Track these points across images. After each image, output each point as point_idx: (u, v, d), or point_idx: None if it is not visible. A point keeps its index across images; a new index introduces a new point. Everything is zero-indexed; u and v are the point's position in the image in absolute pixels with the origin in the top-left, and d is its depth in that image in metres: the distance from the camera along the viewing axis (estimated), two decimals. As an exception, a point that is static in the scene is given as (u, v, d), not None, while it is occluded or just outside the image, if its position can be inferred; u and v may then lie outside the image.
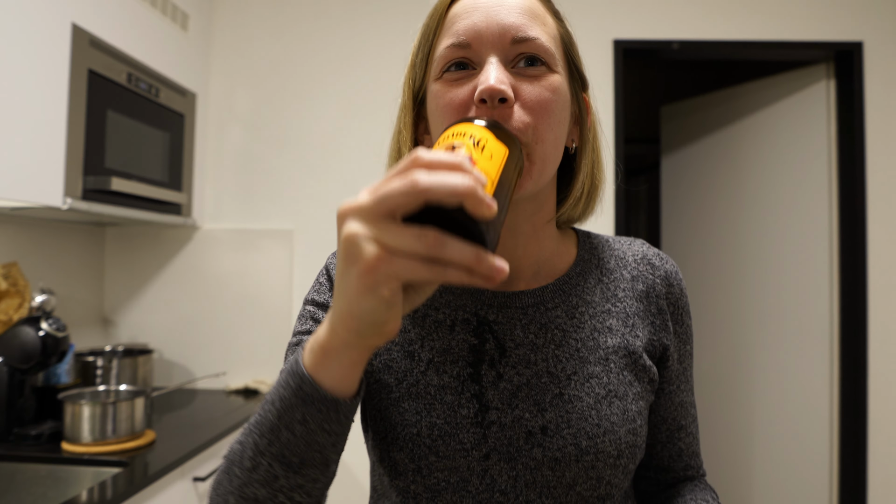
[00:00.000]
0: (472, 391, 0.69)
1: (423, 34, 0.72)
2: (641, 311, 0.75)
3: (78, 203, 1.73)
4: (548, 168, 0.67)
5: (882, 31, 2.51)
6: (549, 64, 0.66)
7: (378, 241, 0.44)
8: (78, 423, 1.63)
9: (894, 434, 2.44)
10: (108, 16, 1.88)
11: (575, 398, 0.68)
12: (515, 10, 0.66)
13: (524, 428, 0.67)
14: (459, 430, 0.67)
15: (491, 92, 0.61)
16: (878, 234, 2.48)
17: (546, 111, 0.65)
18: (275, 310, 2.52)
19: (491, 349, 0.70)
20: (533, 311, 0.72)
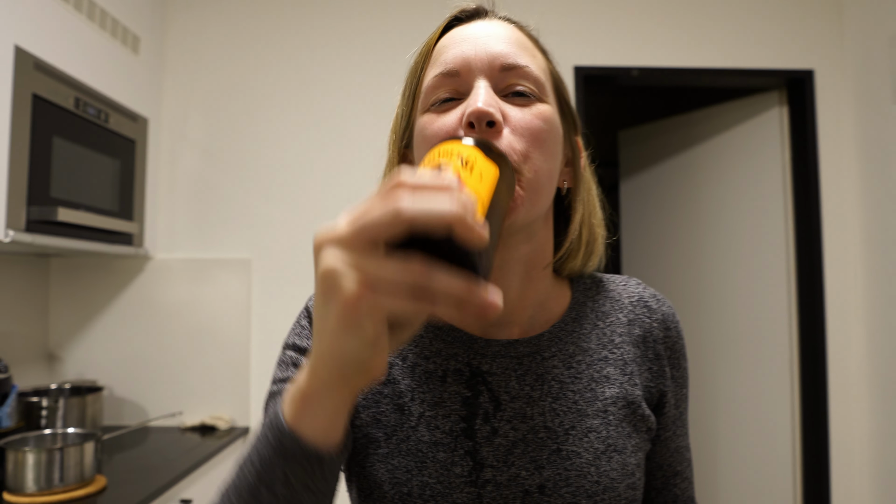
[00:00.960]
0: (465, 448, 0.65)
1: (411, 71, 0.69)
2: (639, 357, 0.72)
3: (21, 235, 1.63)
4: (541, 199, 0.63)
5: (832, 59, 2.59)
6: (540, 94, 0.64)
7: (359, 273, 0.39)
8: (21, 472, 1.52)
9: (855, 449, 2.47)
10: (54, 38, 1.79)
11: (573, 454, 0.65)
12: (504, 40, 0.64)
13: (521, 487, 0.63)
14: (453, 490, 0.63)
15: (479, 114, 0.59)
16: (833, 254, 2.53)
17: (537, 138, 0.62)
18: (232, 343, 2.42)
19: (485, 402, 0.66)
20: (528, 360, 0.68)
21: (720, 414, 2.80)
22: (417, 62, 0.69)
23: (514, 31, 0.67)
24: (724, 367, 2.81)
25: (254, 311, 2.45)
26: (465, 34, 0.65)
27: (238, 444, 2.32)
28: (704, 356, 2.88)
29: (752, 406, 2.70)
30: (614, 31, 2.58)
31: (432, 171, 0.42)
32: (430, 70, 0.66)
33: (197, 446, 2.08)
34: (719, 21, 2.60)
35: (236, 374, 2.41)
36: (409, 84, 0.69)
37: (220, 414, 2.37)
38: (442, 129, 0.62)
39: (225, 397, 2.40)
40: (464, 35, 0.65)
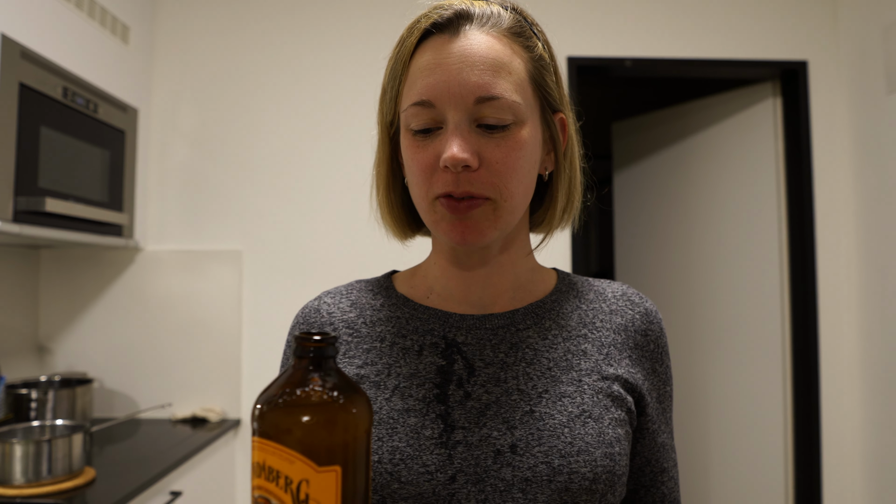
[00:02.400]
0: (437, 412, 0.66)
1: (391, 75, 0.70)
2: (619, 343, 0.73)
3: (8, 226, 1.62)
4: (515, 217, 0.68)
5: (825, 50, 2.58)
6: (515, 119, 0.65)
7: None
8: (9, 464, 1.51)
9: (847, 443, 2.48)
10: (42, 27, 1.78)
11: (546, 415, 0.66)
12: (479, 66, 0.64)
13: (492, 447, 0.64)
14: (423, 453, 0.64)
15: (454, 160, 0.62)
16: (826, 245, 2.54)
17: (513, 169, 0.65)
18: (223, 334, 2.41)
19: (459, 369, 0.68)
20: (503, 331, 0.71)
21: (712, 407, 2.81)
22: (396, 69, 0.69)
23: (491, 47, 0.65)
24: (716, 360, 2.81)
25: (245, 302, 2.44)
26: (439, 58, 0.65)
27: (229, 435, 2.32)
28: (697, 349, 2.88)
29: (744, 399, 2.71)
30: (608, 22, 2.57)
31: None
32: (408, 90, 0.67)
33: (188, 438, 2.08)
34: (713, 12, 2.59)
35: (227, 366, 2.40)
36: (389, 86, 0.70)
37: (211, 406, 2.36)
38: (421, 166, 0.66)
39: (216, 389, 2.39)
40: (438, 59, 0.64)
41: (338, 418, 0.46)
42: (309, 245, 2.46)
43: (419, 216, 0.75)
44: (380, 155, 0.74)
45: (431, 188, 0.65)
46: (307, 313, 0.76)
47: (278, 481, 0.44)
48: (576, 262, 2.50)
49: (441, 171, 0.64)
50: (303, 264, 2.45)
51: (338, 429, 0.45)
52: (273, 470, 0.44)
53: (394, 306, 0.74)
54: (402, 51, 0.68)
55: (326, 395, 0.46)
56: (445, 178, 0.63)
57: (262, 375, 2.41)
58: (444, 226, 0.65)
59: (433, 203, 0.66)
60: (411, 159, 0.67)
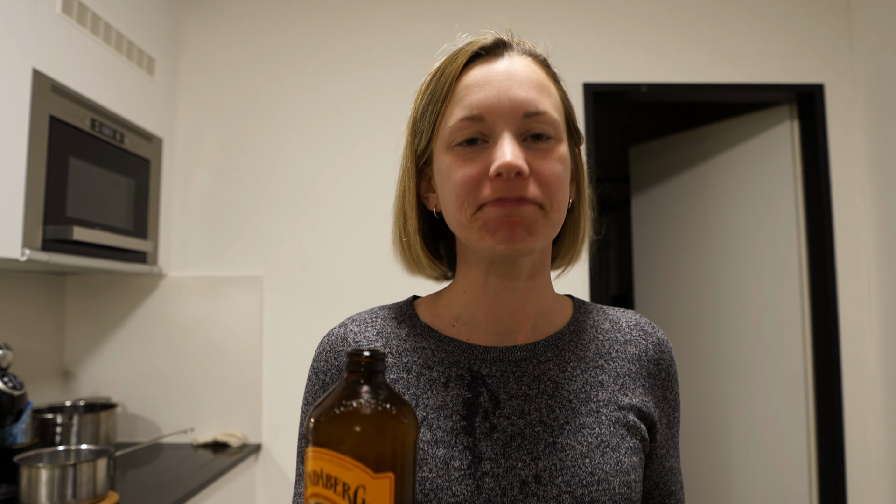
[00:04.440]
0: (464, 443, 0.67)
1: (429, 99, 0.71)
2: (633, 372, 0.75)
3: (37, 254, 1.66)
4: (555, 231, 0.70)
5: (841, 73, 2.59)
6: (557, 135, 0.68)
7: None
8: (35, 488, 1.53)
9: (871, 461, 2.43)
10: (72, 61, 1.84)
11: (568, 447, 0.68)
12: (526, 84, 0.67)
13: (518, 477, 0.66)
14: (452, 483, 0.65)
15: (508, 167, 0.63)
16: (846, 267, 2.51)
17: (559, 183, 0.67)
18: (244, 359, 2.44)
19: (485, 402, 0.70)
20: (525, 364, 0.72)
21: (733, 430, 2.77)
22: (438, 92, 0.70)
23: (533, 70, 0.69)
24: (737, 382, 2.78)
25: (266, 327, 2.46)
26: (488, 76, 0.68)
27: (250, 460, 2.33)
28: (717, 371, 2.85)
29: (767, 418, 2.67)
30: (623, 48, 2.60)
31: None
32: (454, 108, 0.68)
33: (209, 463, 2.09)
34: (729, 36, 2.60)
35: (248, 391, 2.42)
36: (428, 111, 0.71)
37: (232, 430, 2.38)
38: (467, 178, 0.66)
39: (237, 414, 2.41)
40: (487, 77, 0.68)
41: (391, 428, 0.48)
42: (328, 271, 2.48)
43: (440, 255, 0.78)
44: (407, 186, 0.75)
45: (477, 198, 0.65)
46: (333, 341, 0.76)
47: (336, 488, 0.46)
48: (593, 286, 2.50)
49: (489, 181, 0.65)
50: (322, 290, 2.47)
51: (390, 438, 0.48)
52: (331, 477, 0.46)
53: (419, 336, 0.75)
54: (447, 73, 0.70)
55: (380, 407, 0.48)
56: (496, 184, 0.64)
57: (282, 400, 2.42)
58: (493, 225, 0.65)
59: (475, 214, 0.66)
60: (454, 173, 0.67)
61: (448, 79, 0.69)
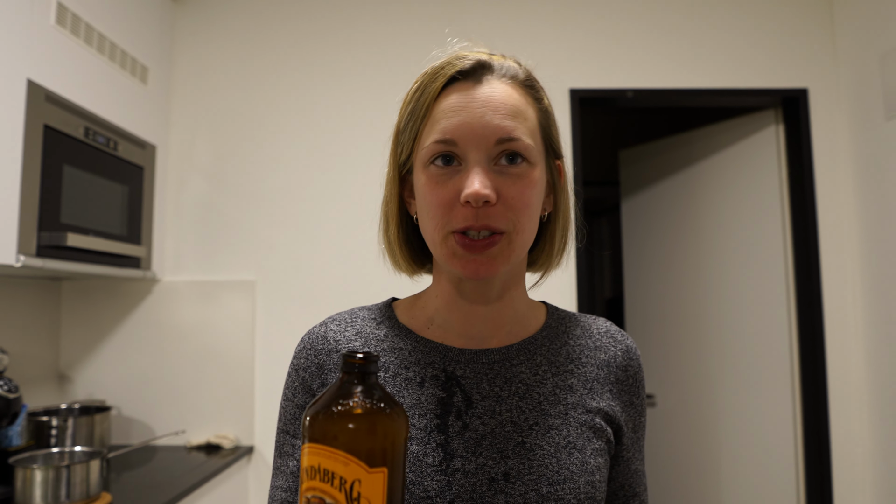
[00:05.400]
0: (437, 441, 0.70)
1: (410, 116, 0.74)
2: (601, 377, 0.78)
3: (32, 260, 1.70)
4: (523, 252, 0.73)
5: (825, 78, 2.63)
6: (529, 159, 0.70)
7: None
8: (30, 489, 1.57)
9: (857, 459, 2.47)
10: (65, 71, 1.88)
11: (536, 447, 0.71)
12: (501, 112, 0.69)
13: (487, 475, 0.69)
14: (424, 479, 0.68)
15: (476, 197, 0.66)
16: (830, 269, 2.56)
17: (527, 205, 0.70)
18: (237, 363, 2.47)
19: (458, 401, 0.73)
20: (499, 366, 0.75)
21: (722, 427, 2.81)
22: (417, 111, 0.73)
23: (510, 95, 0.71)
24: (725, 381, 2.82)
25: (258, 331, 2.50)
26: (462, 101, 0.70)
27: (242, 462, 2.36)
28: (706, 370, 2.89)
29: (755, 418, 2.71)
30: (609, 54, 2.64)
31: None
32: (430, 130, 0.71)
33: (202, 464, 2.13)
34: (714, 42, 2.65)
35: (241, 394, 2.46)
36: (408, 126, 0.74)
37: (224, 433, 2.41)
38: (440, 201, 0.69)
39: (230, 417, 2.44)
40: (462, 103, 0.70)
41: (384, 426, 0.51)
42: (319, 275, 2.52)
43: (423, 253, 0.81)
44: (389, 192, 0.78)
45: (449, 223, 0.69)
46: (314, 340, 0.79)
47: (333, 482, 0.49)
48: (581, 291, 2.54)
49: (460, 207, 0.68)
50: (313, 294, 2.51)
51: (384, 435, 0.51)
52: (328, 472, 0.49)
53: (396, 337, 0.78)
54: (426, 94, 0.72)
55: (375, 406, 0.51)
56: (465, 212, 0.67)
57: (274, 403, 2.46)
58: (457, 261, 0.69)
59: (446, 237, 0.69)
60: (430, 194, 0.70)
61: (427, 100, 0.72)
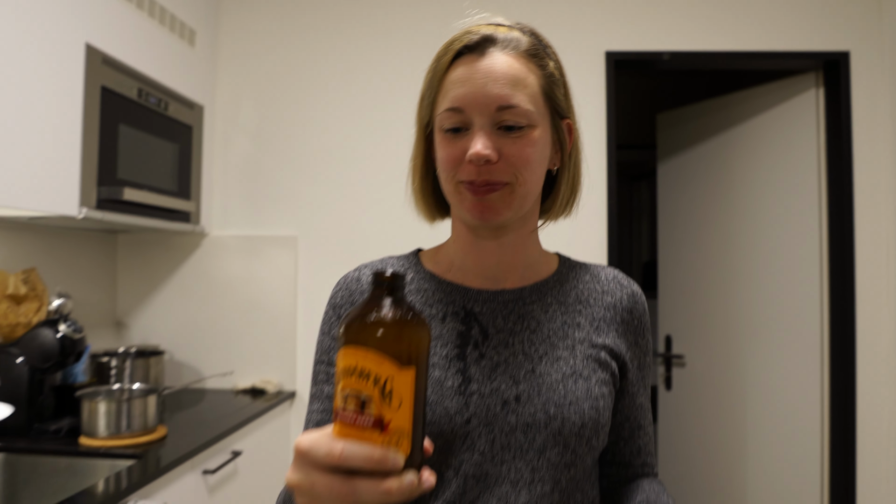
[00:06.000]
0: (457, 367, 0.80)
1: (428, 86, 0.83)
2: (608, 318, 0.87)
3: (92, 212, 1.84)
4: (528, 201, 0.82)
5: (867, 41, 2.59)
6: (529, 123, 0.78)
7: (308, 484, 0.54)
8: (94, 419, 1.74)
9: (881, 436, 2.50)
10: (120, 35, 1.99)
11: (545, 374, 0.80)
12: (500, 81, 0.77)
13: (500, 397, 0.78)
14: (445, 399, 0.78)
15: (478, 157, 0.75)
16: (864, 236, 2.55)
17: (527, 162, 0.78)
18: (280, 313, 2.62)
19: (476, 334, 0.83)
20: (513, 304, 0.85)
21: (750, 388, 2.86)
22: (433, 81, 0.82)
23: (510, 65, 0.78)
24: (755, 344, 2.86)
25: (300, 283, 2.64)
26: (467, 73, 0.78)
27: (284, 405, 2.52)
28: (736, 333, 2.93)
29: (782, 382, 2.75)
30: (645, 16, 2.64)
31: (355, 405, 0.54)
32: (442, 99, 0.80)
33: (247, 406, 2.28)
34: (754, 3, 2.62)
35: (283, 342, 2.61)
36: (427, 93, 0.84)
37: (268, 378, 2.57)
38: (450, 157, 0.79)
39: (273, 363, 2.60)
40: (467, 74, 0.78)
41: (413, 330, 0.58)
42: (358, 231, 2.63)
43: (445, 203, 0.91)
44: (416, 150, 0.88)
45: (457, 175, 0.79)
46: (349, 282, 0.90)
47: (368, 380, 0.54)
48: (611, 253, 2.59)
49: (466, 163, 0.77)
50: (352, 248, 2.63)
51: (412, 338, 0.57)
52: (365, 370, 0.54)
53: (422, 280, 0.89)
54: (439, 66, 0.81)
55: (403, 313, 0.58)
56: (469, 168, 0.77)
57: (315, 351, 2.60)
58: (467, 205, 0.79)
59: (457, 186, 0.80)
60: (443, 152, 0.80)
61: (439, 73, 0.81)
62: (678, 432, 3.15)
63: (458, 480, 0.77)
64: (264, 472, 2.28)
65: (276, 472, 2.38)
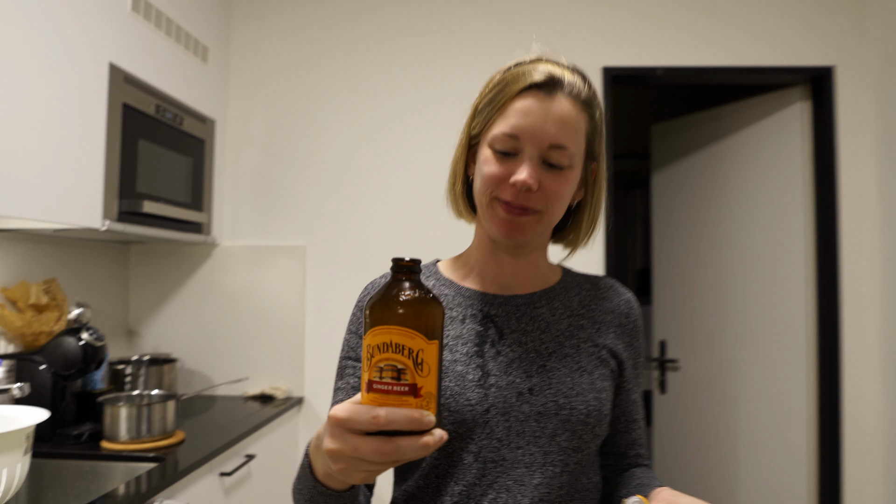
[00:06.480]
0: (476, 363, 0.90)
1: (489, 102, 0.91)
2: (607, 321, 0.98)
3: (114, 224, 1.91)
4: (549, 228, 0.93)
5: (851, 56, 2.70)
6: (570, 164, 0.88)
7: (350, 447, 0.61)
8: (116, 424, 1.81)
9: (867, 429, 2.60)
10: (139, 53, 2.07)
11: (554, 369, 0.90)
12: (558, 122, 0.86)
13: (516, 389, 0.88)
14: (466, 391, 0.87)
15: (523, 184, 0.85)
16: (849, 244, 2.66)
17: (559, 197, 0.89)
18: (289, 321, 2.69)
19: (492, 334, 0.92)
20: (524, 308, 0.95)
21: (741, 390, 2.95)
22: (497, 100, 0.89)
23: (570, 112, 0.87)
24: (745, 347, 2.95)
25: (308, 292, 2.71)
26: (533, 108, 0.86)
27: (293, 411, 2.59)
28: (727, 338, 3.02)
29: (771, 383, 2.84)
30: (640, 33, 2.74)
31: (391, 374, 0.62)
32: (503, 121, 0.88)
33: (258, 412, 2.35)
34: (743, 20, 2.73)
35: (292, 350, 2.68)
36: (486, 109, 0.91)
37: (278, 385, 2.64)
38: (493, 174, 0.87)
39: (282, 370, 2.67)
40: (533, 109, 0.86)
41: (434, 308, 0.65)
42: (366, 241, 2.72)
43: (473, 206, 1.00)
44: (459, 155, 0.97)
45: (496, 191, 0.87)
46: (376, 286, 0.99)
47: (403, 352, 0.62)
48: (608, 263, 2.69)
49: (508, 185, 0.86)
50: (360, 258, 2.71)
51: (435, 315, 0.65)
52: (399, 344, 0.62)
53: (442, 287, 0.99)
54: (506, 92, 0.88)
55: (427, 294, 0.67)
56: (512, 190, 0.86)
57: (322, 358, 2.68)
58: (497, 221, 0.88)
59: (492, 201, 0.88)
60: (489, 168, 0.88)
61: (506, 96, 0.88)
62: (673, 434, 3.24)
63: (478, 464, 0.86)
64: (276, 475, 2.35)
65: (286, 474, 2.45)
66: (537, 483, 0.86)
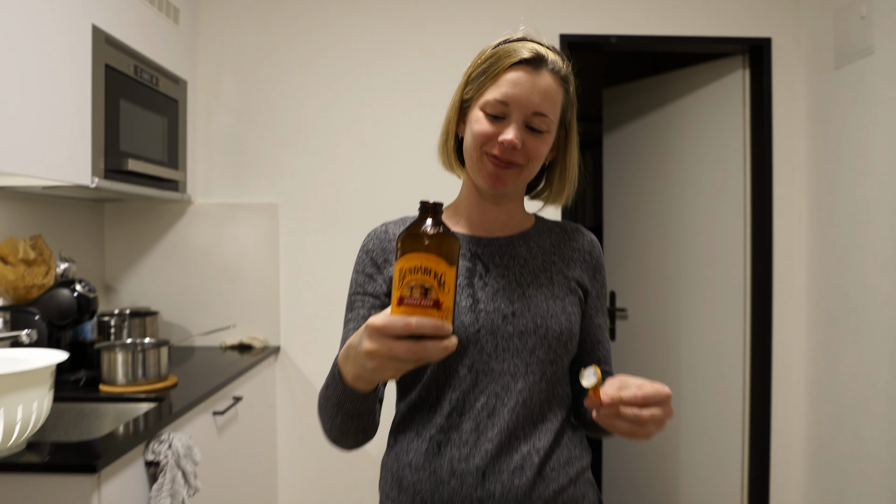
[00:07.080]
0: (468, 293, 1.07)
1: (483, 71, 1.06)
2: (574, 257, 1.17)
3: (103, 182, 2.00)
4: (527, 181, 1.10)
5: (786, 29, 2.93)
6: (548, 129, 1.05)
7: (385, 347, 0.75)
8: (114, 369, 1.93)
9: (793, 364, 2.91)
10: (118, 15, 2.13)
11: (532, 296, 1.08)
12: (541, 94, 1.03)
13: (501, 313, 1.06)
14: (461, 315, 1.05)
15: (510, 143, 1.01)
16: (781, 202, 2.93)
17: (538, 156, 1.06)
18: (263, 275, 2.82)
19: (480, 269, 1.10)
20: (505, 248, 1.13)
21: (683, 337, 3.23)
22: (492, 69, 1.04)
23: (551, 86, 1.03)
24: (687, 298, 3.22)
25: (281, 247, 2.84)
26: (522, 80, 1.02)
27: (270, 359, 2.74)
28: (671, 289, 3.29)
29: (710, 330, 3.12)
30: (597, 3, 2.90)
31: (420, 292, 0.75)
32: (495, 88, 1.03)
33: (239, 359, 2.50)
34: (690, -8, 2.92)
35: (268, 302, 2.82)
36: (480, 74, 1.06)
37: (255, 335, 2.78)
38: (483, 132, 1.03)
39: (258, 321, 2.81)
40: (522, 81, 1.02)
41: (454, 239, 0.78)
42: (334, 198, 2.85)
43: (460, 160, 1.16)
44: (451, 115, 1.12)
45: (486, 147, 1.03)
46: (378, 233, 1.15)
47: (430, 274, 0.75)
48: (564, 216, 2.89)
49: (497, 143, 1.01)
50: (330, 215, 2.85)
51: (455, 246, 0.78)
52: (427, 268, 0.75)
53: None
54: (500, 64, 1.03)
55: (447, 229, 0.79)
56: (500, 147, 1.02)
57: (296, 309, 2.83)
58: (485, 173, 1.04)
59: (482, 156, 1.03)
60: (480, 127, 1.03)
61: (499, 68, 1.04)
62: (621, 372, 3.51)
63: (471, 375, 1.04)
64: (259, 415, 2.53)
65: (267, 414, 2.62)
66: (520, 388, 1.04)
